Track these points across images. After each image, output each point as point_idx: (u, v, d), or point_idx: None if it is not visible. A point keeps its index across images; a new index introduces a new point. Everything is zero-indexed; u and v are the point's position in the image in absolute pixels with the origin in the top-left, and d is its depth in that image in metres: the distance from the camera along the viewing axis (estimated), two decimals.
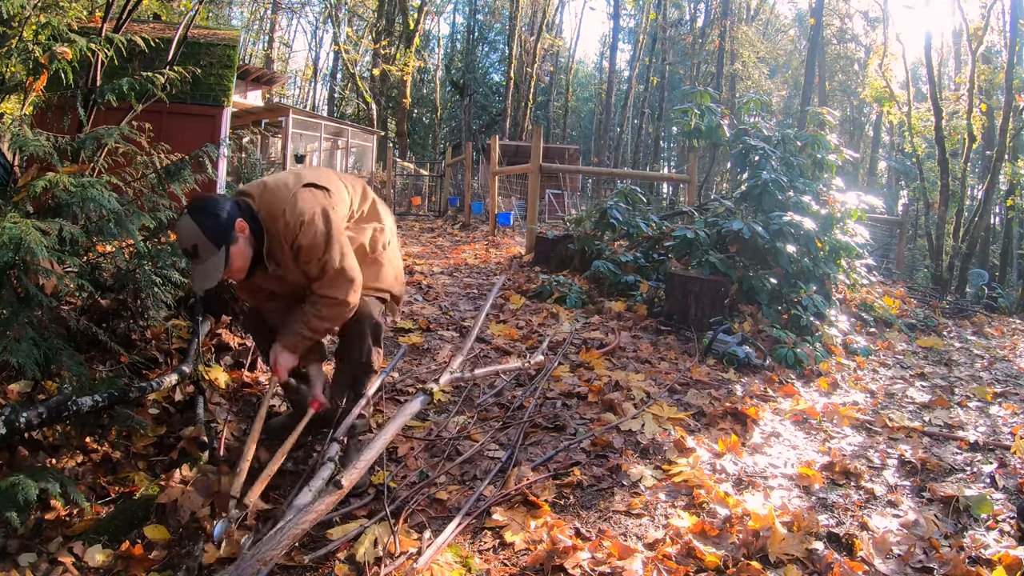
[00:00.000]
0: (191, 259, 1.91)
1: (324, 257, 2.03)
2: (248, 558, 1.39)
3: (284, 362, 2.12)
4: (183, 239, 1.90)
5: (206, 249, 1.88)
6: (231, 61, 8.20)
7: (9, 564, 1.66)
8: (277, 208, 2.00)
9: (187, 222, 1.89)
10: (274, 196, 2.02)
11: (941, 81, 16.47)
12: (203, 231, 1.88)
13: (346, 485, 1.70)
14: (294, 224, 1.99)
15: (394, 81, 22.74)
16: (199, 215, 1.90)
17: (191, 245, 1.89)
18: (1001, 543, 2.04)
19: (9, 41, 2.78)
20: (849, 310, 5.47)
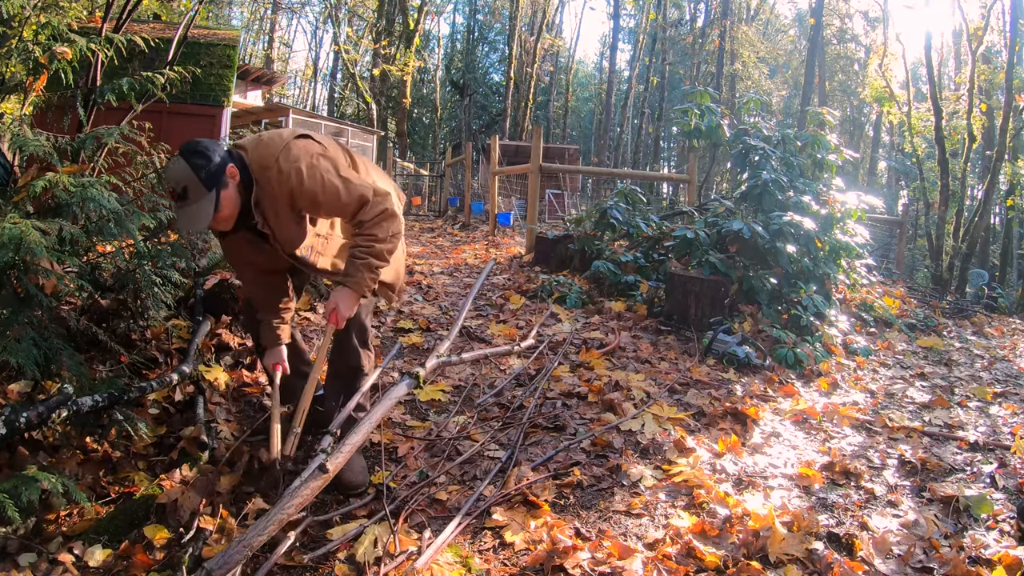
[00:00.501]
0: (178, 201, 1.84)
1: (349, 190, 1.95)
2: (235, 544, 1.41)
3: (346, 308, 2.00)
4: (173, 179, 1.84)
5: (196, 191, 1.83)
6: (231, 61, 8.21)
7: (9, 564, 1.66)
8: (269, 158, 1.93)
9: (178, 163, 1.84)
10: (266, 148, 1.95)
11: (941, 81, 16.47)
12: (195, 171, 1.83)
13: (332, 469, 1.74)
14: (288, 172, 1.91)
15: (394, 81, 22.73)
16: (191, 156, 1.85)
17: (181, 187, 1.83)
18: (1001, 543, 2.04)
19: (9, 41, 2.78)
20: (849, 310, 5.47)
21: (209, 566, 1.34)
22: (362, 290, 2.00)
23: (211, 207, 1.85)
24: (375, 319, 4.06)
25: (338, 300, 2.00)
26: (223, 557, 1.36)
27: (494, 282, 5.65)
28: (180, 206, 1.85)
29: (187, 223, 1.87)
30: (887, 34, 17.15)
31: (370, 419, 1.97)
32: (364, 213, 1.98)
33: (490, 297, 4.99)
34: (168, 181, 1.86)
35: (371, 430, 1.95)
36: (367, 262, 1.98)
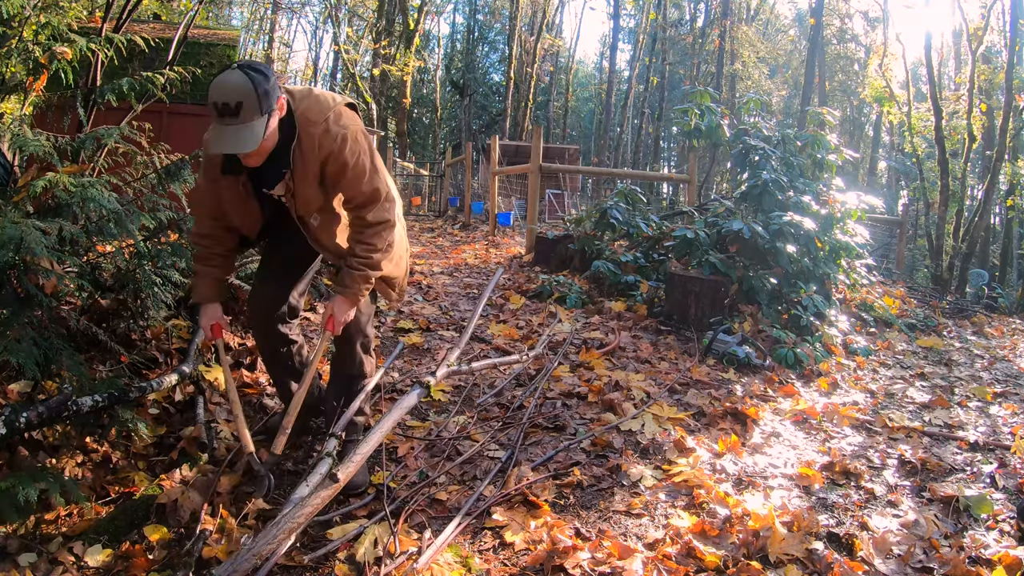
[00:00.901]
0: (225, 118, 1.68)
1: (371, 178, 1.92)
2: (244, 552, 1.39)
3: (342, 314, 2.00)
4: (225, 92, 1.67)
5: (250, 110, 1.68)
6: (231, 61, 8.20)
7: (9, 564, 1.66)
8: (319, 113, 1.84)
9: (235, 75, 1.68)
10: (318, 102, 1.86)
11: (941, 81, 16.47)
12: (254, 86, 1.68)
13: (342, 479, 1.70)
14: (336, 135, 1.84)
15: (394, 81, 22.73)
16: (252, 71, 1.70)
17: (235, 101, 1.67)
18: (1001, 543, 2.04)
19: (9, 41, 2.78)
20: (849, 310, 5.47)
21: (217, 573, 1.33)
22: (358, 299, 2.01)
23: (261, 131, 1.72)
24: (375, 319, 4.06)
25: (334, 308, 2.00)
26: (231, 565, 1.35)
27: (496, 283, 5.65)
28: (226, 123, 1.69)
29: (232, 143, 1.71)
30: (887, 34, 17.16)
31: (380, 428, 1.94)
32: (370, 211, 1.96)
33: (490, 297, 4.99)
34: (219, 92, 1.68)
35: (381, 439, 1.93)
36: (364, 273, 1.98)
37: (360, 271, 1.98)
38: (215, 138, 1.72)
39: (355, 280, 1.98)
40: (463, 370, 2.53)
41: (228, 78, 1.69)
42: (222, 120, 1.69)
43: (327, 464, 1.78)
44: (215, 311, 2.09)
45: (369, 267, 1.98)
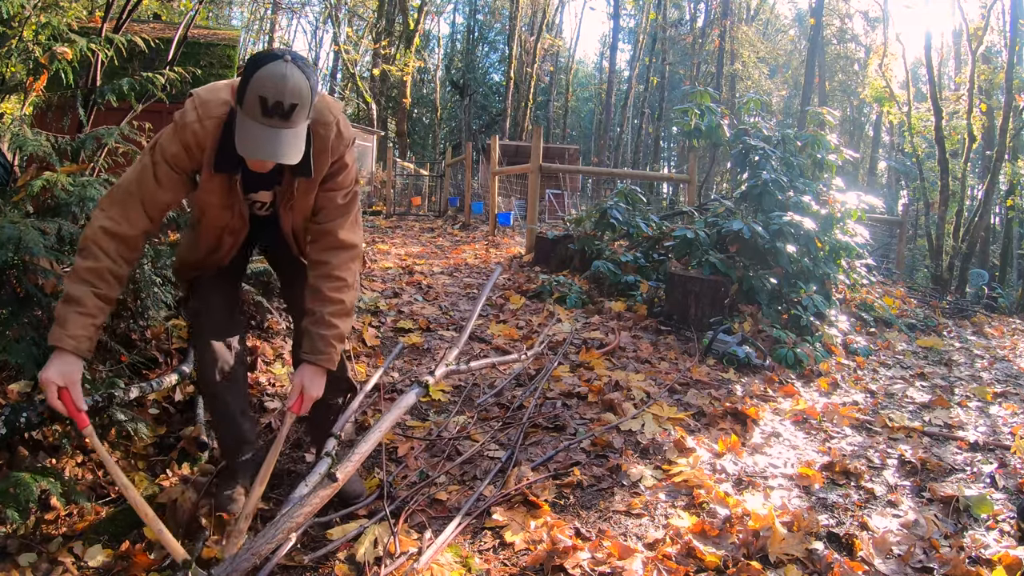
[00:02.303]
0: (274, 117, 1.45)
1: (354, 188, 1.76)
2: (243, 551, 1.39)
3: (315, 388, 1.66)
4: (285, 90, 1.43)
5: (302, 113, 1.49)
6: (231, 61, 8.21)
7: (9, 564, 1.66)
8: (329, 113, 1.65)
9: (297, 73, 1.45)
10: (325, 101, 1.66)
11: (941, 81, 16.48)
12: (311, 90, 1.49)
13: (341, 478, 1.66)
14: (347, 136, 1.69)
15: (394, 81, 22.74)
16: (307, 68, 1.49)
17: (292, 102, 1.45)
18: (1001, 543, 2.03)
19: (9, 41, 2.78)
20: (849, 310, 5.47)
21: (217, 573, 1.33)
22: (333, 366, 1.67)
23: (303, 141, 1.53)
24: (375, 319, 4.06)
25: (305, 382, 1.64)
26: (230, 565, 1.34)
27: (494, 282, 5.66)
28: (272, 124, 1.46)
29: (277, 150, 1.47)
30: (887, 34, 17.17)
31: (379, 427, 1.88)
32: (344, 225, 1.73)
33: (490, 297, 4.99)
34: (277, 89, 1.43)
35: (380, 438, 1.88)
36: (337, 330, 1.66)
37: (332, 327, 1.65)
38: (255, 141, 1.46)
39: (327, 342, 1.65)
40: (461, 369, 2.51)
41: (291, 75, 1.44)
42: (268, 120, 1.45)
43: (326, 464, 1.75)
44: (72, 368, 1.45)
45: (343, 315, 1.68)
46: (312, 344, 1.66)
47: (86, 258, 1.52)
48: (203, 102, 1.59)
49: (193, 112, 1.59)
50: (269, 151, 1.47)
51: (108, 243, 1.54)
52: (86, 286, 1.49)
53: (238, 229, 1.77)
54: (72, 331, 1.44)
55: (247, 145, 1.47)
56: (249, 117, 1.47)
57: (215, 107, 1.59)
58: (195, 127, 1.58)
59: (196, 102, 1.60)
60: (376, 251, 7.11)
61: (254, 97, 1.44)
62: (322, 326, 1.66)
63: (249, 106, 1.46)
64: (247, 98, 1.46)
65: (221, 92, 1.62)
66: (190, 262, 1.87)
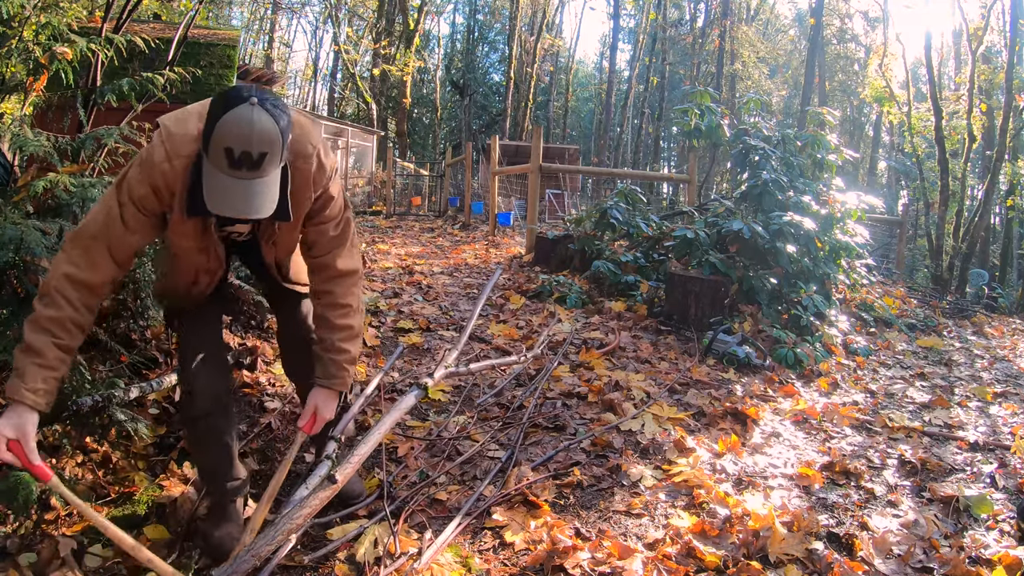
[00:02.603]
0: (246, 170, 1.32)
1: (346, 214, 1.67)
2: (243, 553, 1.38)
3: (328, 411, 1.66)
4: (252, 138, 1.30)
5: (274, 160, 1.35)
6: (231, 61, 8.20)
7: (9, 564, 1.66)
8: (308, 144, 1.53)
9: (265, 117, 1.31)
10: (303, 130, 1.53)
11: (941, 81, 16.48)
12: (282, 133, 1.34)
13: (340, 480, 1.65)
14: (328, 168, 1.57)
15: (394, 81, 22.75)
16: (275, 108, 1.34)
17: (260, 151, 1.31)
18: (1001, 543, 2.03)
19: (9, 41, 2.78)
20: (849, 310, 5.47)
21: (217, 574, 1.33)
22: (347, 388, 1.66)
23: (277, 189, 1.39)
24: (375, 319, 4.06)
25: (319, 405, 1.64)
26: (230, 567, 1.34)
27: (495, 282, 5.66)
28: (240, 176, 1.33)
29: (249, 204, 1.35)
30: (887, 34, 17.17)
31: (379, 429, 1.86)
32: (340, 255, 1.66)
33: (490, 297, 4.99)
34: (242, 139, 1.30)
35: (380, 439, 1.86)
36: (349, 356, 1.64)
37: (343, 352, 1.64)
38: (223, 195, 1.34)
39: (340, 366, 1.64)
40: (461, 371, 2.52)
41: (258, 120, 1.31)
42: (236, 172, 1.33)
43: (326, 467, 1.74)
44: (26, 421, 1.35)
45: (353, 339, 1.66)
46: (325, 369, 1.66)
47: (47, 306, 1.42)
48: (170, 136, 1.44)
49: (161, 149, 1.44)
50: (239, 207, 1.35)
51: (71, 291, 1.44)
52: (47, 335, 1.40)
53: (214, 269, 1.68)
54: (31, 384, 1.36)
55: (215, 200, 1.36)
56: (216, 169, 1.34)
57: (184, 144, 1.44)
58: (163, 167, 1.44)
59: (163, 136, 1.45)
60: (376, 251, 7.11)
61: (219, 148, 1.32)
62: (333, 352, 1.66)
63: (215, 157, 1.33)
64: (212, 148, 1.33)
65: (191, 124, 1.45)
66: (169, 291, 1.79)
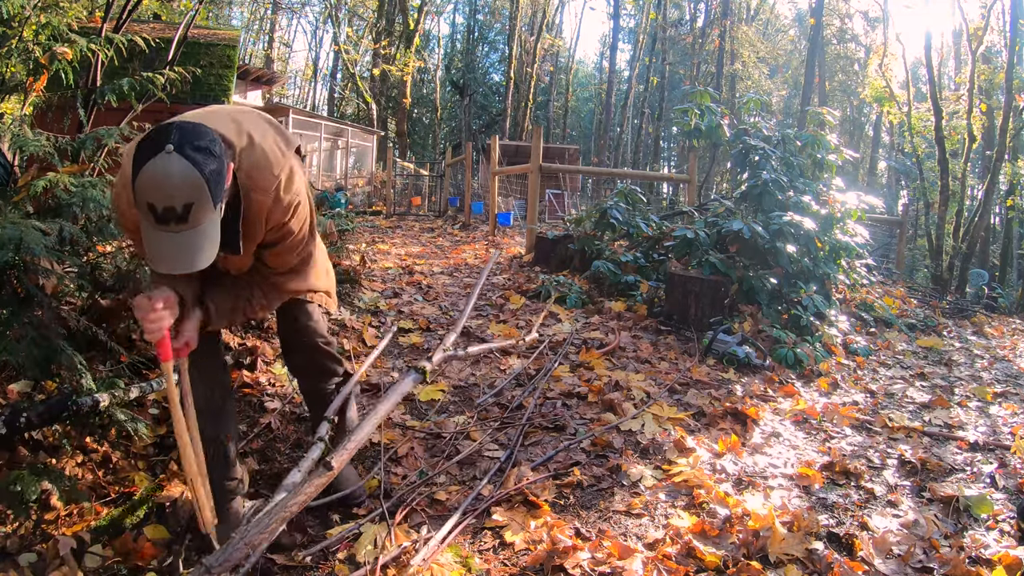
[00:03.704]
0: (170, 223, 1.25)
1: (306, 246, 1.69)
2: (235, 540, 1.37)
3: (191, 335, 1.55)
4: (167, 191, 1.22)
5: (204, 207, 1.26)
6: (231, 61, 8.21)
7: (9, 564, 1.66)
8: (267, 178, 1.47)
9: (177, 164, 1.22)
10: (265, 159, 1.47)
11: (941, 81, 16.47)
12: (205, 178, 1.25)
13: (336, 465, 1.60)
14: (287, 205, 1.53)
15: (394, 81, 22.76)
16: (194, 151, 1.25)
17: (183, 203, 1.23)
18: (1001, 543, 2.03)
19: (9, 41, 2.78)
20: (849, 310, 5.47)
21: (208, 562, 1.32)
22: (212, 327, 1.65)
23: (217, 232, 1.32)
24: (375, 319, 4.06)
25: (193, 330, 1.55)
26: (222, 554, 1.34)
27: (494, 282, 5.66)
28: (177, 231, 1.27)
29: (184, 259, 1.29)
30: (887, 34, 17.17)
31: (376, 414, 1.82)
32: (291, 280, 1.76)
33: (490, 297, 4.99)
34: (158, 193, 1.23)
35: (378, 423, 1.82)
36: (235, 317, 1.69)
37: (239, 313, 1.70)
38: (158, 251, 1.28)
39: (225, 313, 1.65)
40: (459, 355, 2.49)
41: (175, 171, 1.22)
42: (163, 227, 1.25)
43: (319, 449, 1.70)
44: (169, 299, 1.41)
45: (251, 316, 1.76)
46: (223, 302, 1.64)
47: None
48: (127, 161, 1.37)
49: (120, 175, 1.43)
50: (173, 262, 1.29)
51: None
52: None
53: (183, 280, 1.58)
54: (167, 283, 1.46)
55: (151, 256, 1.30)
56: (146, 224, 1.28)
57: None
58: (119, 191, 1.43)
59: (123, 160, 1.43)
60: (376, 251, 7.10)
61: (143, 204, 1.25)
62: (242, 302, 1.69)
63: (142, 212, 1.27)
64: (138, 204, 1.26)
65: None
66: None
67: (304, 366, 2.00)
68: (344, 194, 12.89)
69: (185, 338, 1.51)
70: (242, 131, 1.47)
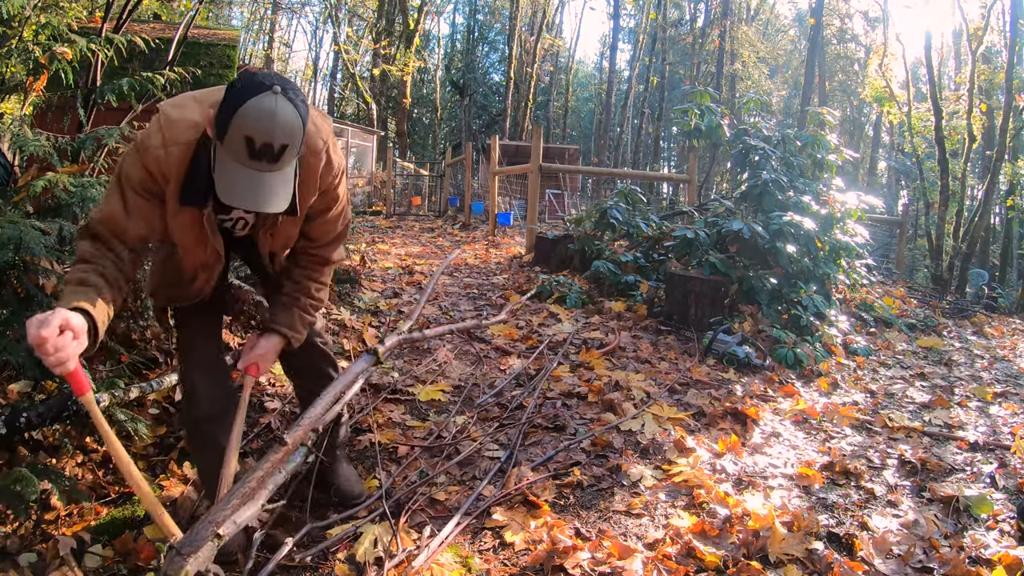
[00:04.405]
0: (262, 160, 1.28)
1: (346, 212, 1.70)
2: (202, 521, 1.39)
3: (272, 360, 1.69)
4: (276, 130, 1.26)
5: (292, 153, 1.32)
6: (231, 61, 8.21)
7: (9, 564, 1.66)
8: (320, 140, 1.49)
9: (290, 109, 1.27)
10: (317, 125, 1.49)
11: (941, 81, 16.48)
12: (303, 123, 1.31)
13: (289, 442, 1.62)
14: (336, 165, 1.55)
15: (394, 81, 22.76)
16: (299, 100, 1.30)
17: (282, 143, 1.27)
18: (1001, 543, 2.03)
19: (9, 41, 2.78)
20: (849, 310, 5.47)
21: (178, 545, 1.33)
22: (297, 342, 1.69)
23: (292, 181, 1.37)
24: (375, 319, 4.06)
25: (268, 348, 1.64)
26: (191, 536, 1.35)
27: (494, 282, 5.66)
28: (265, 170, 1.29)
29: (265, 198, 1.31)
30: (887, 34, 17.17)
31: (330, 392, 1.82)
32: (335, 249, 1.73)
33: (490, 297, 4.99)
34: (266, 130, 1.25)
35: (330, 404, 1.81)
36: (312, 317, 1.72)
37: (310, 314, 1.71)
38: (238, 187, 1.30)
39: (304, 324, 1.70)
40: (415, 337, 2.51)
41: (281, 111, 1.26)
42: (254, 163, 1.28)
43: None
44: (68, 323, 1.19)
45: (319, 309, 1.74)
46: (290, 319, 1.68)
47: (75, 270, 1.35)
48: (169, 123, 1.38)
49: (158, 135, 1.38)
50: (255, 199, 1.31)
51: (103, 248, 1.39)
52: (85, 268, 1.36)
53: (212, 265, 1.61)
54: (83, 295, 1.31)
55: (229, 191, 1.31)
56: (232, 158, 1.29)
57: (182, 131, 1.38)
58: (158, 153, 1.37)
59: (161, 122, 1.39)
60: (376, 251, 7.10)
61: (239, 137, 1.26)
62: (305, 312, 1.70)
63: (233, 146, 1.27)
64: (230, 136, 1.27)
65: (190, 111, 1.40)
66: (163, 287, 1.72)
67: (303, 367, 1.99)
68: None
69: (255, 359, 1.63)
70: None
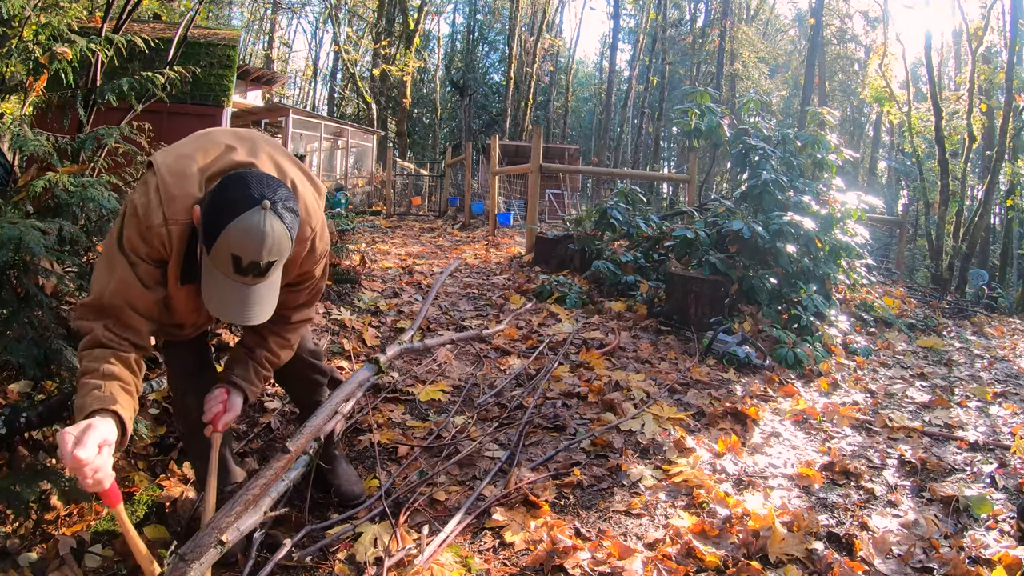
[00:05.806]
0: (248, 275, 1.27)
1: (321, 286, 1.70)
2: (205, 527, 1.40)
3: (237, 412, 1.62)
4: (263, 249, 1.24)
5: (281, 264, 1.33)
6: (231, 61, 8.21)
7: (9, 564, 1.66)
8: (308, 229, 1.48)
9: (278, 226, 1.25)
10: (306, 211, 1.47)
11: (941, 81, 16.48)
12: (293, 236, 1.31)
13: (293, 451, 1.68)
14: (320, 253, 1.58)
15: (394, 81, 22.77)
16: (288, 212, 1.29)
17: (270, 260, 1.27)
18: (1001, 543, 2.03)
19: (9, 41, 2.78)
20: (849, 310, 5.47)
21: (182, 551, 1.33)
22: (254, 395, 1.66)
23: (279, 285, 1.38)
24: (376, 319, 4.06)
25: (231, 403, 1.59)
26: (195, 541, 1.36)
27: (494, 282, 5.66)
28: (252, 283, 1.29)
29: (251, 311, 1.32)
30: (887, 34, 17.16)
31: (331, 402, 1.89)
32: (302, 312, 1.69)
33: (490, 297, 4.99)
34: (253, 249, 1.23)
35: (331, 413, 1.87)
36: (269, 373, 1.70)
37: (267, 369, 1.67)
38: (222, 300, 1.29)
39: (260, 378, 1.66)
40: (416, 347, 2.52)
41: (270, 230, 1.24)
42: (240, 278, 1.27)
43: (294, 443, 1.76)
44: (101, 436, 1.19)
45: (277, 365, 1.71)
46: (245, 374, 1.63)
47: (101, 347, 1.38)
48: (170, 199, 1.34)
49: (159, 212, 1.34)
50: (240, 313, 1.30)
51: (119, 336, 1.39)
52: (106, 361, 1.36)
53: (203, 324, 1.69)
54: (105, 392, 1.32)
55: (216, 305, 1.31)
56: (219, 270, 1.27)
57: (182, 209, 1.34)
58: (161, 231, 1.35)
59: (162, 197, 1.34)
60: (376, 251, 7.11)
61: (225, 253, 1.24)
62: (261, 366, 1.66)
63: (219, 260, 1.26)
64: (218, 249, 1.24)
65: (190, 184, 1.36)
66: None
67: (292, 382, 2.02)
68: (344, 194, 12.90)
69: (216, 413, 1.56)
70: (286, 178, 1.47)
